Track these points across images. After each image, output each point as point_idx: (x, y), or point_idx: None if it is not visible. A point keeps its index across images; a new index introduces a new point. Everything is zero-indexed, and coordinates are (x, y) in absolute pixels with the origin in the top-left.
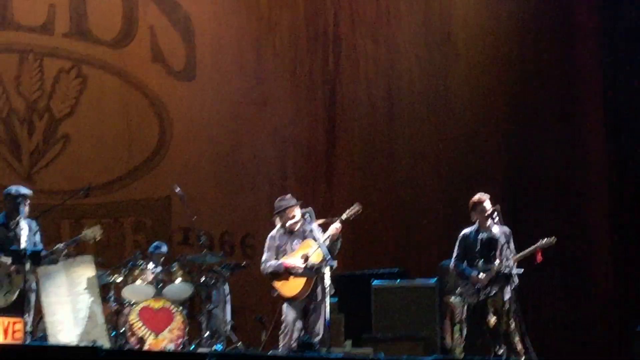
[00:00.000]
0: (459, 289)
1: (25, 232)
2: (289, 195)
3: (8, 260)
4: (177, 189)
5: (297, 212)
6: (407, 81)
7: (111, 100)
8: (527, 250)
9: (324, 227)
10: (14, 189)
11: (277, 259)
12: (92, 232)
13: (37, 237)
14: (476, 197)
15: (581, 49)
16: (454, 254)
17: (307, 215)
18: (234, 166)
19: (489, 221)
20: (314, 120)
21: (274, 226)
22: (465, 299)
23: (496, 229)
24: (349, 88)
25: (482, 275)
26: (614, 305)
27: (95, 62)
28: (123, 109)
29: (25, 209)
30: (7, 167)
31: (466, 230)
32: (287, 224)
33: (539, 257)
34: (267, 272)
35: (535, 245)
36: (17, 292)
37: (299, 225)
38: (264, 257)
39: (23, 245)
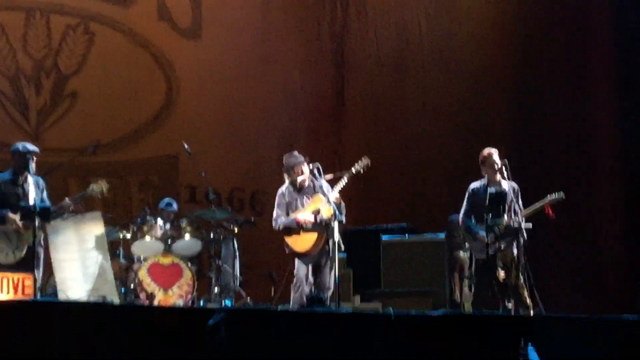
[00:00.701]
0: (467, 243)
1: (33, 189)
2: (296, 152)
3: (17, 216)
4: (186, 146)
5: (305, 168)
6: (416, 35)
7: (118, 58)
8: (535, 205)
9: (333, 182)
10: (21, 145)
11: (287, 215)
12: (99, 187)
13: (44, 194)
14: (485, 151)
15: (593, 5)
16: (462, 208)
17: (315, 171)
18: (242, 123)
19: (498, 175)
20: (323, 75)
21: (283, 182)
22: (473, 254)
23: (505, 184)
24: (358, 43)
25: (490, 234)
26: (623, 261)
27: (103, 19)
28: (130, 66)
29: (32, 165)
30: (15, 126)
31: (475, 184)
32: (296, 180)
33: (550, 213)
34: (280, 229)
35: (543, 200)
36: (25, 249)
37: (307, 181)
38: (274, 214)
39: (31, 202)
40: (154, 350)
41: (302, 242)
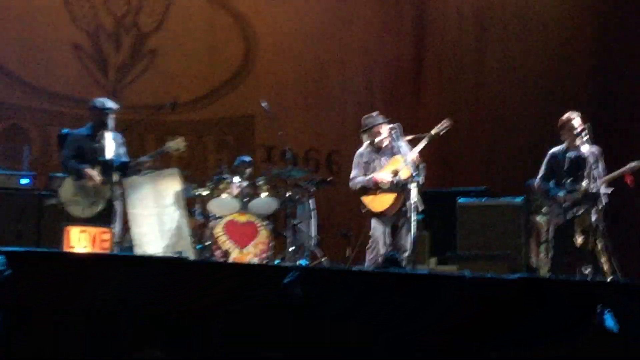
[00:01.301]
0: (544, 208)
1: (111, 144)
2: (376, 113)
3: (94, 171)
4: (264, 104)
5: (385, 129)
6: None
7: (197, 17)
8: (615, 172)
9: (413, 143)
10: (99, 102)
11: (365, 175)
12: (176, 144)
13: (122, 150)
14: (565, 115)
15: None
16: (540, 173)
17: (394, 132)
18: (320, 84)
19: (578, 140)
20: (402, 37)
21: (360, 143)
22: (551, 219)
23: (585, 148)
24: (437, 4)
25: (567, 195)
26: None
27: None
28: (209, 25)
29: (111, 122)
30: (94, 82)
31: (554, 149)
32: (375, 141)
33: (630, 181)
34: (357, 188)
35: (625, 167)
36: (103, 203)
37: (386, 142)
38: (352, 174)
39: (109, 157)
40: (228, 308)
41: (380, 202)
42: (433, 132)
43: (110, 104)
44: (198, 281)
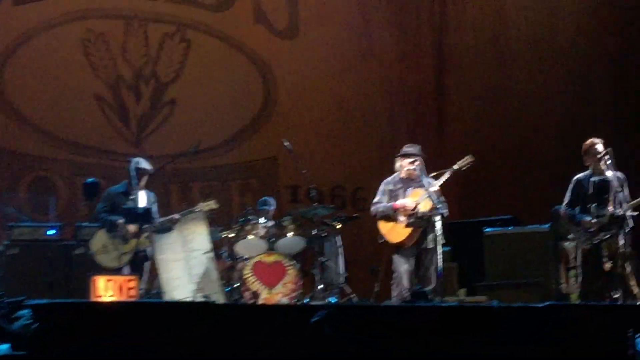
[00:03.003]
0: (571, 234)
1: (144, 202)
2: (419, 146)
3: (127, 225)
4: (286, 143)
5: (419, 162)
6: (514, 26)
7: (215, 64)
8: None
9: (435, 178)
10: (135, 161)
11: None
12: (208, 205)
13: (155, 208)
14: (589, 141)
15: None
16: (566, 199)
17: (421, 166)
18: (341, 120)
19: (602, 164)
20: (422, 69)
21: (385, 178)
22: (578, 244)
23: (610, 173)
24: (456, 35)
25: (594, 220)
26: None
27: (199, 25)
28: (227, 71)
29: (143, 181)
30: (116, 133)
31: (579, 175)
32: (404, 170)
33: None
34: (376, 213)
35: None
36: (131, 254)
37: (416, 174)
38: (375, 199)
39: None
40: (259, 349)
41: (397, 233)
42: (455, 167)
43: (144, 164)
44: (228, 325)
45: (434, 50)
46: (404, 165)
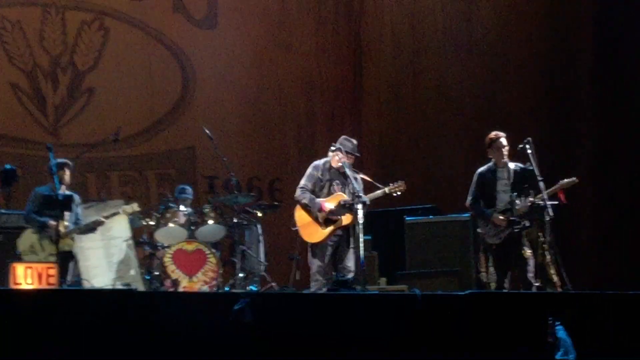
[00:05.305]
0: (479, 229)
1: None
2: (355, 142)
3: (55, 223)
4: (207, 131)
5: (349, 159)
6: (431, 19)
7: (134, 52)
8: (549, 190)
9: (365, 183)
10: (51, 161)
11: (313, 191)
12: (131, 208)
13: (79, 210)
14: (493, 133)
15: None
16: (470, 194)
17: (346, 161)
18: (260, 111)
19: (506, 158)
20: (340, 61)
21: (302, 170)
22: (486, 240)
23: (512, 165)
24: (374, 28)
25: (502, 216)
26: None
27: (117, 14)
28: (145, 60)
29: (67, 176)
30: (34, 122)
31: (482, 169)
32: (338, 160)
33: (562, 198)
34: (301, 200)
35: (557, 185)
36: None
37: (343, 169)
38: (302, 182)
39: (66, 217)
40: (180, 337)
41: (311, 234)
42: (387, 190)
43: (61, 160)
44: (149, 312)
45: (351, 43)
46: (342, 158)
